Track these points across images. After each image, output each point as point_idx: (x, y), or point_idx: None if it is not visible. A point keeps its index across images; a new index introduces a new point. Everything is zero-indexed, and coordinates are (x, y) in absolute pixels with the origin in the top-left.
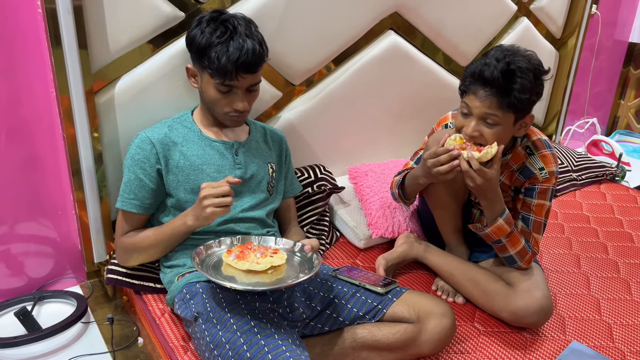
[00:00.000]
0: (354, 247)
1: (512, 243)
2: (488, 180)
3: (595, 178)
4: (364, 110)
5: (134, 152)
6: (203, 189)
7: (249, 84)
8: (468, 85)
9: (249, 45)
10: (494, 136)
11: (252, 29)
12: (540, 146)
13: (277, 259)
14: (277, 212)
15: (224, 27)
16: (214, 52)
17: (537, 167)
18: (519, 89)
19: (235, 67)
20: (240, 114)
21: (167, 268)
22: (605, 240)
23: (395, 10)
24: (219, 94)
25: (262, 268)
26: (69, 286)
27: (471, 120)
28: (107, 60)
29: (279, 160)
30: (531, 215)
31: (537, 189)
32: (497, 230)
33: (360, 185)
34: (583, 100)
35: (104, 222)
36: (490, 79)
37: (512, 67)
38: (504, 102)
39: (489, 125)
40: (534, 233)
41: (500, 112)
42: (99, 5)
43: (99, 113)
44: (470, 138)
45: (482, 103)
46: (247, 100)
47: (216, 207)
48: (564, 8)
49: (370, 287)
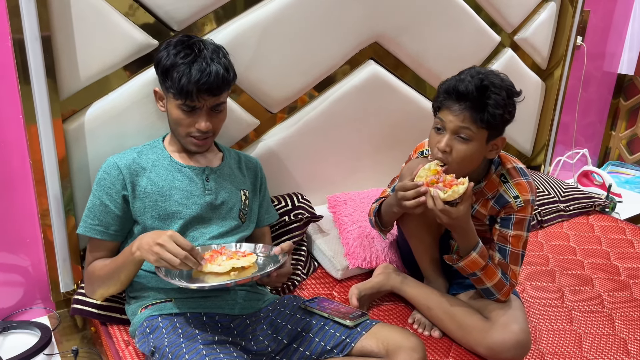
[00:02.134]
0: (331, 277)
1: (487, 276)
2: (454, 219)
3: (583, 209)
4: (344, 139)
5: (100, 177)
6: (170, 235)
7: (212, 105)
8: (442, 101)
9: (212, 68)
10: (466, 153)
11: (220, 54)
12: (515, 174)
13: (242, 261)
14: (251, 241)
15: (189, 49)
16: (176, 72)
17: (511, 195)
18: (493, 104)
19: (197, 89)
20: (203, 136)
21: (132, 298)
22: (590, 273)
23: (375, 40)
24: (182, 114)
25: (223, 270)
26: (37, 316)
27: (444, 135)
28: (78, 88)
29: (254, 188)
30: (508, 247)
31: (512, 219)
32: (470, 264)
33: (339, 214)
34: (572, 131)
35: (72, 250)
36: (464, 92)
37: (486, 82)
38: (478, 116)
39: (462, 140)
40: (511, 265)
41: (474, 127)
42: (69, 34)
43: (68, 140)
44: (442, 153)
45: (456, 117)
46: (211, 121)
47: (162, 259)
48: (548, 39)
49: (338, 319)
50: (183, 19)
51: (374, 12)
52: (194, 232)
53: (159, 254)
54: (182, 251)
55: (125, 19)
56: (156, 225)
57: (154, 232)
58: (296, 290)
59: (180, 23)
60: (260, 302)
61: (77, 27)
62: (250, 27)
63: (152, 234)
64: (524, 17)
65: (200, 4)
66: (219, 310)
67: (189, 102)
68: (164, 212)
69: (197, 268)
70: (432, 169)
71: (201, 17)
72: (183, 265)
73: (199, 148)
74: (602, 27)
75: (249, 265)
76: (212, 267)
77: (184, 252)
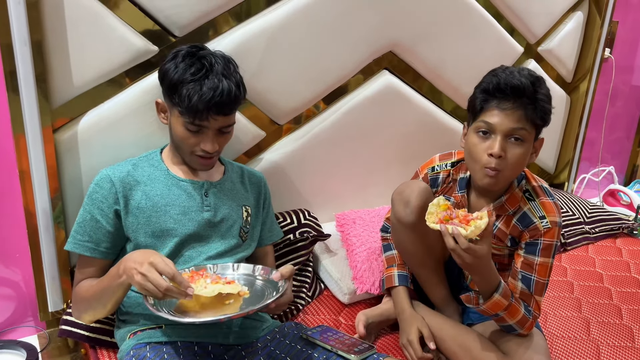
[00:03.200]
0: (338, 301)
1: (510, 314)
2: (478, 259)
3: (610, 231)
4: (355, 153)
5: (92, 190)
6: (151, 263)
7: (221, 126)
8: (484, 101)
9: (224, 85)
10: (520, 156)
11: (232, 69)
12: (541, 193)
13: (227, 287)
14: (253, 261)
15: (200, 64)
16: (185, 89)
17: (537, 215)
18: (544, 99)
19: (207, 108)
20: (208, 157)
21: (121, 322)
22: (619, 303)
23: (390, 50)
24: (188, 133)
25: (209, 294)
26: (28, 335)
27: (495, 140)
28: (71, 96)
29: (257, 204)
30: (533, 276)
31: (540, 244)
32: (493, 306)
33: (347, 233)
34: (598, 148)
35: (61, 268)
36: (520, 87)
37: (536, 75)
38: (533, 113)
39: (516, 142)
40: (535, 295)
41: (529, 126)
42: (62, 38)
43: (59, 150)
44: (497, 159)
45: (509, 116)
46: (217, 141)
47: (145, 290)
48: (574, 51)
49: (342, 353)
50: (185, 24)
51: (389, 20)
52: (190, 251)
53: (141, 285)
54: (164, 283)
55: (123, 23)
56: (149, 243)
57: (139, 252)
58: (300, 315)
59: (182, 28)
60: (258, 331)
61: (70, 31)
62: (256, 34)
63: (137, 255)
64: (548, 27)
65: (204, 9)
66: (212, 340)
67: (198, 121)
68: (158, 229)
69: (181, 298)
70: (442, 205)
71: (204, 22)
72: (166, 296)
73: (204, 167)
74: (632, 39)
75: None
76: (198, 290)
77: (165, 284)
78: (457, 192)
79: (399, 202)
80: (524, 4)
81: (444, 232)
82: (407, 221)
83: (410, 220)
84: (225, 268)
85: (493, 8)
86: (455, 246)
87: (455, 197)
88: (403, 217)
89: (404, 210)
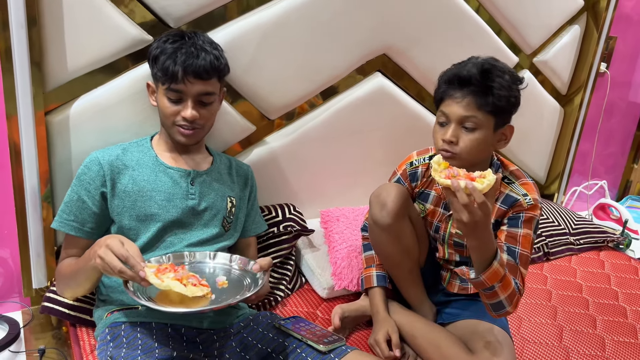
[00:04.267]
0: (317, 295)
1: (504, 287)
2: (487, 217)
3: (595, 244)
4: (344, 152)
5: (80, 171)
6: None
7: (199, 91)
8: (443, 91)
9: (200, 53)
10: (474, 142)
11: (213, 45)
12: (520, 175)
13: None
14: (235, 251)
15: (179, 37)
16: (163, 55)
17: (520, 193)
18: (498, 86)
19: (183, 69)
20: (190, 126)
21: (100, 301)
22: (595, 313)
23: (383, 52)
24: (168, 102)
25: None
26: (12, 310)
27: (449, 127)
28: (65, 80)
29: (242, 195)
30: (517, 248)
31: (522, 217)
32: (492, 276)
33: (330, 230)
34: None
35: (47, 246)
36: (467, 77)
37: (488, 66)
38: (483, 101)
39: (468, 130)
40: (521, 267)
41: (480, 114)
42: (59, 23)
43: (51, 132)
44: (448, 145)
45: (460, 105)
46: (198, 111)
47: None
48: (569, 64)
49: (312, 343)
50: (180, 16)
51: (384, 23)
52: (172, 237)
53: (100, 266)
54: (118, 264)
55: (119, 11)
56: (133, 226)
57: (105, 237)
58: (278, 307)
59: (177, 20)
60: (232, 317)
61: (67, 16)
62: (250, 30)
63: (103, 239)
64: (544, 39)
65: (199, 2)
66: (186, 323)
67: (174, 85)
68: (143, 214)
69: (136, 281)
70: (442, 163)
71: (199, 15)
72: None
73: (186, 139)
74: (630, 55)
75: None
76: (151, 279)
77: (120, 265)
78: (437, 185)
79: (375, 204)
80: (521, 15)
81: (456, 187)
82: (383, 223)
83: (386, 222)
84: (204, 257)
85: (489, 17)
86: (468, 201)
87: (436, 190)
88: (379, 219)
89: (380, 212)
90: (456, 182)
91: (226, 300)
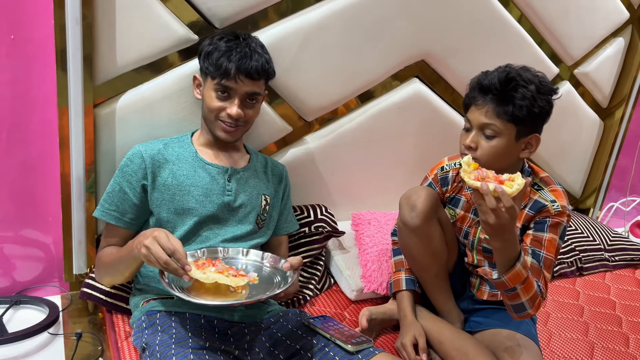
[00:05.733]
0: (345, 297)
1: (526, 289)
2: (513, 219)
3: (630, 261)
4: (378, 156)
5: (123, 163)
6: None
7: (247, 91)
8: (470, 97)
9: (254, 55)
10: (493, 149)
11: (263, 48)
12: (550, 182)
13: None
14: (267, 249)
15: (234, 37)
16: (218, 52)
17: (548, 199)
18: (520, 96)
19: (237, 68)
20: (233, 124)
21: (137, 290)
22: (628, 332)
23: (422, 59)
24: (216, 97)
25: (205, 280)
26: (51, 294)
27: (471, 133)
28: (113, 75)
29: (276, 194)
30: (542, 252)
31: (548, 221)
32: (514, 277)
33: (361, 233)
34: (629, 177)
35: (88, 234)
36: (487, 85)
37: (512, 75)
38: (502, 110)
39: (487, 137)
40: (544, 270)
41: (499, 122)
42: (111, 20)
43: (98, 124)
44: (468, 150)
45: (480, 112)
46: (243, 110)
47: (149, 262)
48: (612, 77)
49: (340, 342)
50: (226, 16)
51: (425, 29)
52: (208, 231)
53: (145, 256)
54: (163, 256)
55: (168, 11)
56: (171, 219)
57: (151, 229)
58: (306, 306)
59: (223, 21)
60: (263, 313)
61: (119, 14)
62: (293, 32)
63: (149, 231)
64: (587, 51)
65: (244, 4)
66: (219, 315)
67: (225, 81)
68: (180, 207)
69: (179, 275)
70: (472, 164)
71: (244, 17)
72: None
73: (227, 135)
74: None
75: (238, 285)
76: (195, 274)
77: (165, 257)
78: (467, 190)
79: (405, 205)
80: (564, 26)
81: (485, 190)
82: (412, 224)
83: (415, 223)
84: (236, 253)
85: (530, 27)
86: (497, 205)
87: (465, 196)
88: (408, 221)
89: (409, 214)
90: (485, 185)
91: (256, 295)
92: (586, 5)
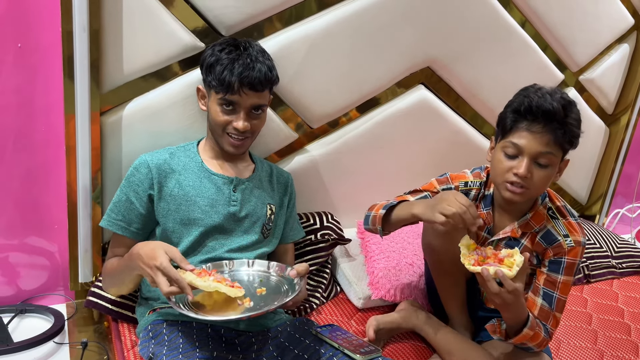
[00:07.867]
0: (352, 305)
1: (533, 340)
2: (518, 297)
3: (638, 268)
4: (383, 163)
5: (130, 173)
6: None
7: (252, 104)
8: (514, 121)
9: (256, 65)
10: (545, 180)
11: (265, 55)
12: (565, 213)
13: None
14: (273, 258)
15: (234, 47)
16: (220, 65)
17: (561, 233)
18: (574, 123)
19: (239, 81)
20: (240, 137)
21: (143, 299)
22: (637, 340)
23: (427, 65)
24: (221, 111)
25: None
26: (57, 303)
27: (521, 160)
28: (120, 82)
29: (281, 203)
30: (555, 293)
31: (563, 263)
32: (521, 338)
33: (367, 240)
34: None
35: (94, 242)
36: (551, 111)
37: (567, 98)
38: (562, 138)
39: (541, 166)
40: (556, 312)
41: (556, 150)
42: (117, 28)
43: (104, 132)
44: (522, 180)
45: (539, 141)
46: (249, 122)
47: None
48: (617, 83)
49: (348, 352)
50: (232, 24)
51: (429, 36)
52: (213, 242)
53: (151, 284)
54: (167, 288)
55: (174, 18)
56: (176, 229)
57: (148, 248)
58: (313, 314)
59: (229, 28)
60: (270, 321)
61: (126, 22)
62: (298, 39)
63: (147, 250)
64: (592, 57)
65: (250, 12)
66: (225, 324)
67: (229, 95)
68: (186, 218)
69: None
70: (471, 245)
71: (250, 24)
72: None
73: (235, 149)
74: None
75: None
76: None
77: (168, 289)
78: (482, 210)
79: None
80: (568, 32)
81: (487, 277)
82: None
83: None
84: (241, 264)
85: (535, 32)
86: (499, 290)
87: (481, 215)
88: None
89: None
90: (486, 270)
91: (264, 306)
92: (591, 11)
